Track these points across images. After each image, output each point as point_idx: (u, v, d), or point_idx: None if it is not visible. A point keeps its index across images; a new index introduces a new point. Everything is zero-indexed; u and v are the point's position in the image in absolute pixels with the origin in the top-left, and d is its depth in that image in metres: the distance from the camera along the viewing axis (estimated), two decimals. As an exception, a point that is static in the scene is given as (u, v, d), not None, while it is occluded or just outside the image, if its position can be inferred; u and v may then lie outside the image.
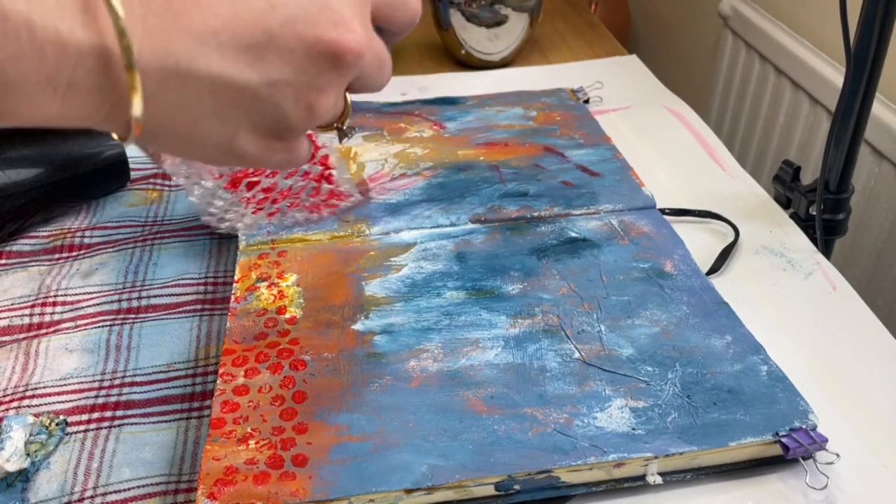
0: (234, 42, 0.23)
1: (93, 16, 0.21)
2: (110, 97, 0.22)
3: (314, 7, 0.24)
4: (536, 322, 0.47)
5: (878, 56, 0.54)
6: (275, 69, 0.25)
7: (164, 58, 0.22)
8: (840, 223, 0.62)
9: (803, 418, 0.40)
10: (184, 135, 0.25)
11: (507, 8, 0.83)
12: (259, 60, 0.24)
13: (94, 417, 0.45)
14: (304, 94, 0.26)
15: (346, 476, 0.37)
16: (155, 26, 0.22)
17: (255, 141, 0.26)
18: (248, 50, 0.24)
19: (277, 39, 0.24)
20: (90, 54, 0.21)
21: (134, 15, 0.21)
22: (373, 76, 0.28)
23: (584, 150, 0.66)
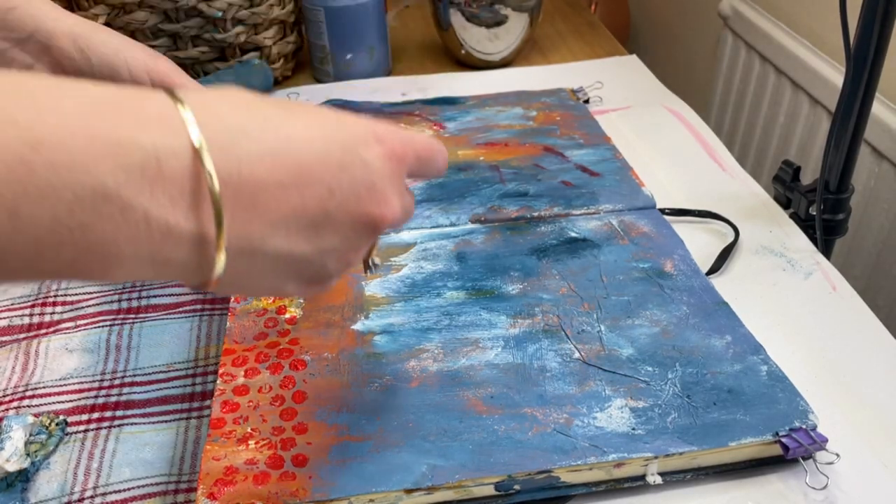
0: (298, 224, 0.28)
1: (197, 212, 0.25)
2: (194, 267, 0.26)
3: (363, 189, 0.30)
4: (536, 322, 0.47)
5: (877, 56, 0.54)
6: (327, 241, 0.29)
7: (242, 240, 0.27)
8: (840, 223, 0.62)
9: (803, 418, 0.40)
10: (242, 286, 0.30)
11: (507, 8, 0.83)
12: (316, 236, 0.29)
13: (94, 417, 0.45)
14: (345, 255, 0.31)
15: (346, 476, 0.37)
16: (240, 217, 0.26)
17: (298, 287, 0.31)
18: (308, 228, 0.28)
19: (332, 217, 0.29)
20: (190, 239, 0.25)
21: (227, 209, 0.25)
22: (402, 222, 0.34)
23: (584, 150, 0.66)
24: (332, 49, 0.82)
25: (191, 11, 0.74)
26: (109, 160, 0.22)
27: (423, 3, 1.08)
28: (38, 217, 0.22)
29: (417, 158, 0.33)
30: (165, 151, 0.24)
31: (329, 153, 0.29)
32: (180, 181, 0.24)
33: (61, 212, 0.22)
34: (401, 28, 1.02)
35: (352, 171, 0.29)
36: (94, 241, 0.23)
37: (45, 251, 0.22)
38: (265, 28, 0.80)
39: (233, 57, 0.80)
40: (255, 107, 0.27)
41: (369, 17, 0.81)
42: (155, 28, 0.75)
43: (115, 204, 0.23)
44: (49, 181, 0.21)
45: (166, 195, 0.24)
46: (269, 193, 0.27)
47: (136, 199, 0.23)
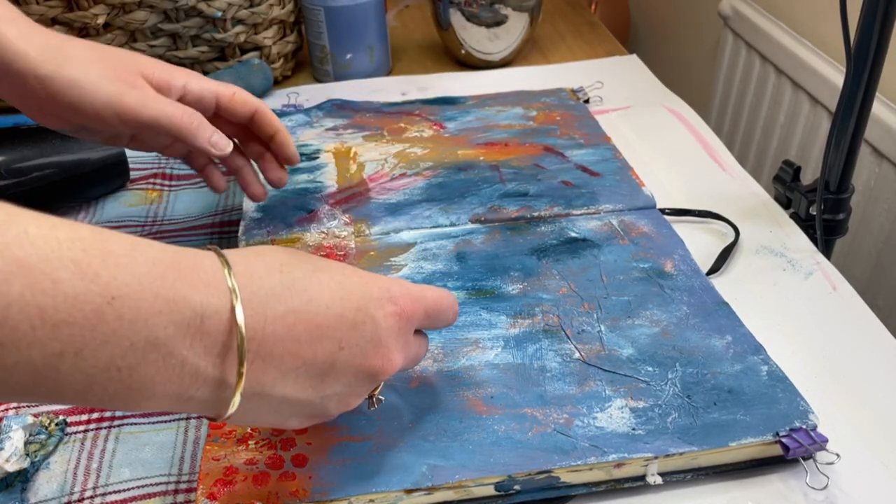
0: (307, 373, 0.32)
1: (223, 361, 0.29)
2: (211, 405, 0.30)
3: (370, 346, 0.33)
4: (536, 322, 0.47)
5: (878, 56, 0.54)
6: (329, 388, 0.33)
7: (255, 386, 0.30)
8: (840, 223, 0.62)
9: (803, 418, 0.40)
10: (248, 421, 0.33)
11: (507, 8, 0.83)
12: (320, 384, 0.32)
13: (94, 417, 0.45)
14: (345, 399, 0.34)
15: (346, 476, 0.37)
16: (257, 366, 0.30)
17: (300, 423, 0.35)
18: (314, 377, 0.32)
19: (337, 368, 0.32)
20: (213, 383, 0.29)
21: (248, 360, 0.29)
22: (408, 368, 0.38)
23: (584, 150, 0.65)
24: (332, 49, 0.82)
25: (190, 11, 0.74)
26: (165, 316, 0.26)
27: (422, 3, 1.08)
28: (98, 358, 0.25)
29: (426, 315, 0.37)
30: (209, 309, 0.28)
31: (344, 314, 0.32)
32: (214, 336, 0.28)
33: (117, 355, 0.26)
34: (401, 28, 1.02)
35: (362, 329, 0.33)
36: (137, 379, 0.27)
37: (95, 386, 0.26)
38: (265, 28, 0.80)
39: (232, 57, 0.80)
40: (286, 269, 0.32)
41: (369, 16, 0.81)
42: (154, 27, 0.75)
43: (160, 351, 0.27)
44: (114, 329, 0.25)
45: (202, 345, 0.28)
46: (285, 348, 0.31)
47: (179, 349, 0.27)
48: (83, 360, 0.25)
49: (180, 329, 0.27)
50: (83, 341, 0.25)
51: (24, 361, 0.24)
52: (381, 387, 0.37)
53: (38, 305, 0.24)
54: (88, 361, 0.25)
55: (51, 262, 0.24)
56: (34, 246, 0.24)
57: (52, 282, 0.24)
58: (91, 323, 0.25)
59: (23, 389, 0.25)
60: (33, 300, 0.24)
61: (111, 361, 0.26)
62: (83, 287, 0.25)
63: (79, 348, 0.25)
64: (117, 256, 0.26)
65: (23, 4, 0.71)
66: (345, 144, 0.67)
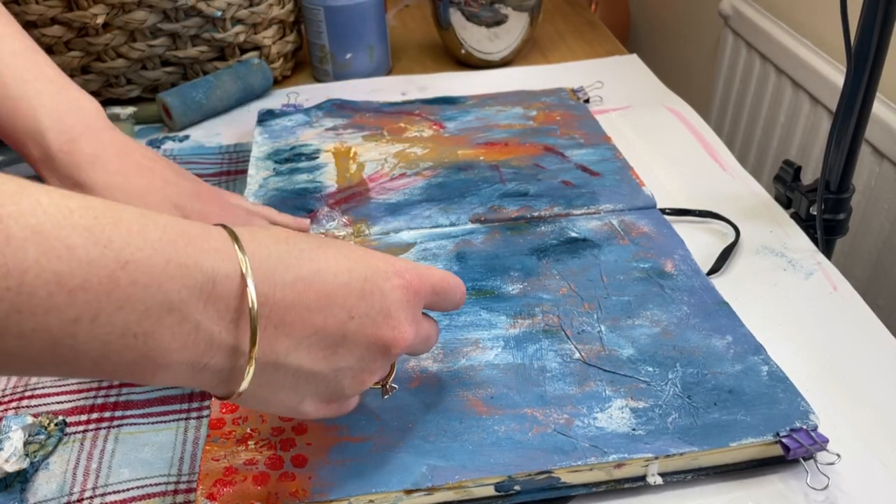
0: (319, 343, 0.32)
1: (237, 326, 0.29)
2: (225, 375, 0.30)
3: (380, 316, 0.33)
4: (536, 322, 0.47)
5: (878, 55, 0.54)
6: (342, 360, 0.33)
7: (269, 353, 0.30)
8: (841, 223, 0.61)
9: (804, 419, 0.40)
10: (264, 399, 0.32)
11: (507, 7, 0.83)
12: (333, 355, 0.32)
13: (94, 418, 0.45)
14: (359, 375, 0.34)
15: (346, 476, 0.37)
16: (269, 333, 0.30)
17: (315, 404, 0.34)
18: (327, 347, 0.32)
19: (349, 339, 0.33)
20: (228, 349, 0.29)
21: (261, 326, 0.29)
22: (419, 349, 0.38)
23: (584, 150, 0.65)
24: (332, 48, 0.82)
25: (190, 11, 0.74)
26: (178, 280, 0.27)
27: (422, 3, 1.08)
28: (113, 325, 0.26)
29: (433, 292, 0.37)
30: (221, 275, 0.28)
31: (352, 283, 0.33)
32: (226, 300, 0.28)
33: (132, 321, 0.26)
34: (400, 27, 1.02)
35: (370, 299, 0.33)
36: (153, 346, 0.27)
37: (111, 354, 0.26)
38: (264, 27, 0.80)
39: (232, 56, 0.80)
40: (292, 241, 0.32)
41: (369, 16, 0.81)
42: (154, 27, 0.75)
43: (175, 316, 0.27)
44: (129, 295, 0.26)
45: (215, 309, 0.28)
46: (296, 314, 0.31)
47: (192, 313, 0.27)
48: (99, 326, 0.25)
49: (193, 293, 0.27)
50: (99, 307, 0.25)
51: (42, 328, 0.24)
52: (393, 374, 0.37)
53: (55, 271, 0.24)
54: (105, 328, 0.25)
55: (64, 229, 0.24)
56: (47, 214, 0.24)
57: (66, 248, 0.24)
58: (106, 288, 0.25)
59: (40, 358, 0.25)
60: (49, 266, 0.24)
61: (127, 327, 0.26)
62: (97, 253, 0.25)
63: (95, 314, 0.25)
64: (129, 223, 0.26)
65: (22, 4, 0.71)
66: (344, 144, 0.67)
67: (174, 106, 0.73)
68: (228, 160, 0.70)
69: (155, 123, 0.76)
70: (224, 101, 0.77)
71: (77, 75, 0.77)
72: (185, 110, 0.74)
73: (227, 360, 0.29)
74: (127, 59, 0.76)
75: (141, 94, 0.80)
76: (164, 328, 0.27)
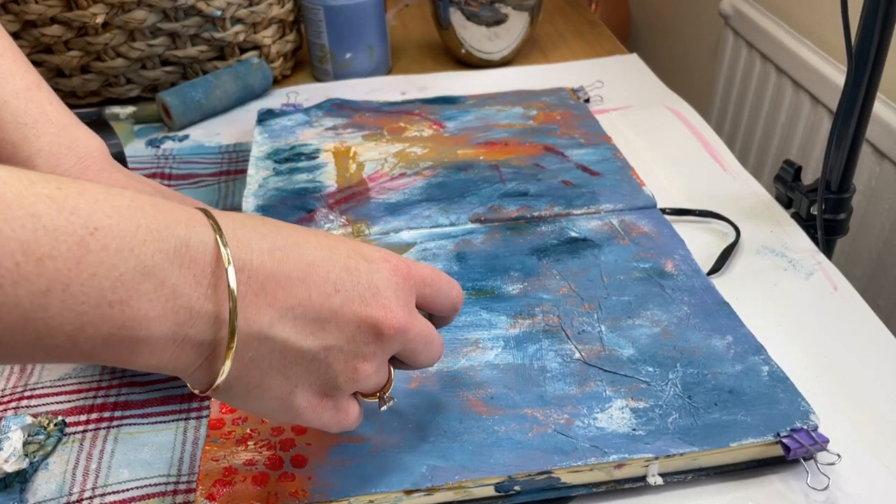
0: (304, 316, 0.30)
1: (215, 293, 0.28)
2: (207, 351, 0.29)
3: (368, 292, 0.32)
4: (537, 322, 0.47)
5: (879, 55, 0.54)
6: (331, 337, 0.31)
7: (251, 324, 0.29)
8: (841, 223, 0.61)
9: (804, 419, 0.40)
10: (253, 385, 0.31)
11: (508, 7, 0.83)
12: (321, 331, 0.31)
13: (93, 418, 0.44)
14: (352, 360, 0.32)
15: (346, 477, 0.37)
16: (251, 301, 0.29)
17: (308, 397, 0.32)
18: (314, 322, 0.30)
19: (337, 316, 0.31)
20: (207, 318, 0.28)
21: (241, 293, 0.28)
22: (419, 351, 0.35)
23: (584, 150, 0.65)
24: (332, 48, 0.82)
25: (190, 10, 0.74)
26: (150, 244, 0.26)
27: (422, 2, 1.08)
28: (87, 293, 0.25)
29: (424, 282, 0.35)
30: (195, 240, 0.27)
31: (335, 257, 0.32)
32: (202, 265, 0.27)
33: (107, 288, 0.25)
34: (400, 27, 1.02)
35: (356, 274, 0.32)
36: (130, 315, 0.26)
37: (87, 326, 0.25)
38: (264, 27, 0.80)
39: (232, 56, 0.80)
40: (268, 220, 0.31)
41: (369, 15, 0.81)
42: (154, 27, 0.75)
43: (151, 281, 0.26)
44: (101, 260, 0.25)
45: (192, 275, 0.27)
46: (277, 283, 0.30)
47: (168, 277, 0.27)
48: (72, 295, 0.24)
49: (167, 256, 0.26)
50: (70, 275, 0.24)
51: (11, 301, 0.24)
52: (391, 386, 0.35)
53: (19, 240, 0.23)
54: (78, 297, 0.25)
55: (27, 198, 0.24)
56: (7, 185, 0.24)
57: (30, 216, 0.24)
58: (76, 255, 0.24)
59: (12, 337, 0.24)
60: (13, 235, 0.23)
61: (101, 296, 0.25)
62: (63, 220, 0.24)
63: (66, 283, 0.24)
64: (94, 193, 0.26)
65: (21, 3, 0.71)
66: (344, 144, 0.67)
67: (174, 105, 0.73)
68: (228, 160, 0.70)
69: (154, 123, 0.76)
70: (224, 101, 0.76)
71: (76, 75, 0.77)
72: (185, 110, 0.74)
73: (208, 330, 0.28)
74: (126, 58, 0.76)
75: (140, 94, 0.80)
76: (141, 295, 0.26)
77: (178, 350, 0.28)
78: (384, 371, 0.34)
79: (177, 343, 0.28)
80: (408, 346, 0.34)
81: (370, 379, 0.33)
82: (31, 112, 0.46)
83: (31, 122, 0.46)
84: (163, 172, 0.67)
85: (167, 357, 0.28)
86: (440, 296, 0.36)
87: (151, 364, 0.28)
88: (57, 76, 0.77)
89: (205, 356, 0.29)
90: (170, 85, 0.79)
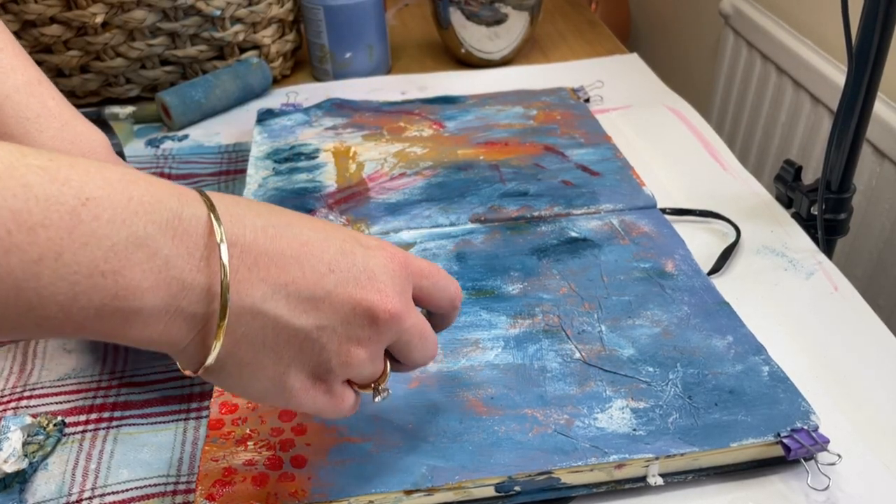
0: (297, 294, 0.30)
1: (208, 265, 0.28)
2: (200, 324, 0.28)
3: (364, 276, 0.32)
4: (537, 322, 0.47)
5: (879, 55, 0.54)
6: (325, 318, 0.31)
7: (244, 297, 0.29)
8: (842, 223, 0.61)
9: (805, 419, 0.40)
10: (246, 363, 0.30)
11: (508, 6, 0.83)
12: (314, 310, 0.30)
13: (93, 418, 0.44)
14: (345, 343, 0.32)
15: (346, 477, 0.37)
16: (243, 275, 0.29)
17: (301, 378, 0.32)
18: (307, 301, 0.30)
19: (331, 296, 0.31)
20: (200, 291, 0.28)
21: (233, 267, 0.28)
22: (414, 344, 0.34)
23: (584, 150, 0.65)
24: (332, 48, 0.82)
25: (189, 10, 0.74)
26: (143, 216, 0.26)
27: (422, 2, 1.08)
28: (79, 263, 0.25)
29: (421, 274, 0.35)
30: (187, 213, 0.28)
31: (330, 239, 0.32)
32: (195, 237, 0.28)
33: (99, 257, 0.25)
34: (400, 27, 1.02)
35: (352, 257, 0.32)
36: (123, 285, 0.26)
37: (79, 296, 0.25)
38: (264, 27, 0.80)
39: (231, 56, 0.80)
40: (262, 203, 0.32)
41: (368, 15, 0.81)
42: (153, 27, 0.75)
43: (144, 251, 0.26)
44: (93, 230, 0.25)
45: (185, 247, 0.27)
46: (270, 259, 0.29)
47: (161, 248, 0.27)
48: (64, 265, 0.25)
49: (160, 227, 0.27)
50: (62, 244, 0.24)
51: (4, 270, 0.24)
52: (387, 377, 0.35)
53: (10, 209, 0.24)
54: (70, 267, 0.25)
55: (18, 170, 0.24)
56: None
57: (22, 186, 0.24)
58: (67, 225, 0.25)
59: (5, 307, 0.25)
60: (5, 204, 0.24)
61: (94, 265, 0.25)
62: (55, 189, 0.24)
63: (58, 252, 0.24)
64: (86, 166, 0.26)
65: (21, 3, 0.71)
66: (344, 144, 0.67)
67: (173, 105, 0.73)
68: (227, 160, 0.70)
69: (154, 123, 0.76)
70: (223, 101, 0.76)
71: (76, 74, 0.77)
72: (185, 110, 0.74)
73: (200, 303, 0.28)
74: (126, 58, 0.76)
75: (140, 94, 0.80)
76: (133, 265, 0.26)
77: (170, 322, 0.28)
78: (379, 362, 0.34)
79: (169, 315, 0.28)
80: (402, 336, 0.33)
81: (364, 366, 0.33)
82: (34, 107, 0.46)
83: (33, 116, 0.46)
84: (162, 172, 0.67)
85: (159, 330, 0.28)
86: (438, 290, 0.36)
87: (144, 337, 0.28)
88: (56, 76, 0.77)
89: (197, 329, 0.29)
90: (169, 85, 0.79)
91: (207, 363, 0.29)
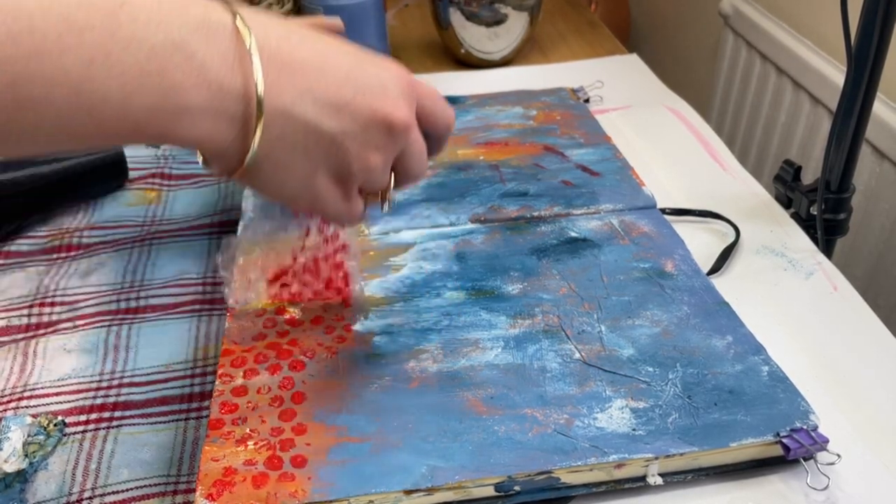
0: (322, 99, 0.33)
1: (241, 67, 0.30)
2: (239, 125, 0.31)
3: (378, 88, 0.34)
4: (536, 322, 0.47)
5: (878, 55, 0.54)
6: (347, 124, 0.34)
7: (276, 100, 0.32)
8: (841, 223, 0.61)
9: (804, 419, 0.40)
10: (280, 165, 0.33)
11: (507, 7, 0.83)
12: (338, 115, 0.33)
13: (93, 418, 0.44)
14: (364, 149, 0.35)
15: (346, 477, 0.37)
16: (274, 79, 0.31)
17: (326, 180, 0.35)
18: (331, 106, 0.33)
19: (351, 103, 0.33)
20: (237, 94, 0.31)
21: (264, 70, 0.31)
22: (414, 158, 0.38)
23: (584, 150, 0.65)
24: (332, 48, 0.82)
25: (190, 10, 0.74)
26: (176, 19, 0.29)
27: (422, 2, 1.08)
28: (125, 62, 0.28)
29: (424, 94, 0.37)
30: (214, 19, 0.30)
31: (345, 52, 0.34)
32: (225, 41, 0.30)
33: (142, 58, 0.28)
34: (400, 27, 1.02)
35: (368, 70, 0.34)
36: (169, 85, 0.29)
37: (133, 96, 0.28)
38: (264, 27, 0.80)
39: (232, 56, 0.80)
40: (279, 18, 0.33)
41: (368, 16, 0.81)
42: (154, 27, 0.74)
43: (182, 53, 0.29)
44: (133, 33, 0.28)
45: (217, 50, 0.30)
46: (295, 66, 0.32)
47: (196, 52, 0.29)
48: (112, 65, 0.27)
49: (191, 31, 0.29)
50: (107, 47, 0.27)
51: (61, 72, 0.26)
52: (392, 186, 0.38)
53: (59, 13, 0.26)
54: (118, 66, 0.27)
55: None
56: None
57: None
58: (109, 27, 0.27)
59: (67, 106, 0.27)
60: (53, 7, 0.26)
61: (139, 66, 0.28)
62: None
63: (106, 54, 0.27)
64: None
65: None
66: (344, 144, 0.67)
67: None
68: (228, 160, 0.69)
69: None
70: (224, 101, 0.76)
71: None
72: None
73: (238, 104, 0.31)
74: (126, 58, 0.76)
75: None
76: (175, 66, 0.29)
77: (215, 121, 0.31)
78: (388, 171, 0.37)
79: (213, 114, 0.30)
80: (409, 148, 0.37)
81: (378, 173, 0.36)
82: None
83: None
84: (163, 172, 0.67)
85: (206, 128, 0.31)
86: (438, 109, 0.39)
87: (193, 136, 0.31)
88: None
89: (237, 129, 0.31)
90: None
91: (247, 162, 0.32)
